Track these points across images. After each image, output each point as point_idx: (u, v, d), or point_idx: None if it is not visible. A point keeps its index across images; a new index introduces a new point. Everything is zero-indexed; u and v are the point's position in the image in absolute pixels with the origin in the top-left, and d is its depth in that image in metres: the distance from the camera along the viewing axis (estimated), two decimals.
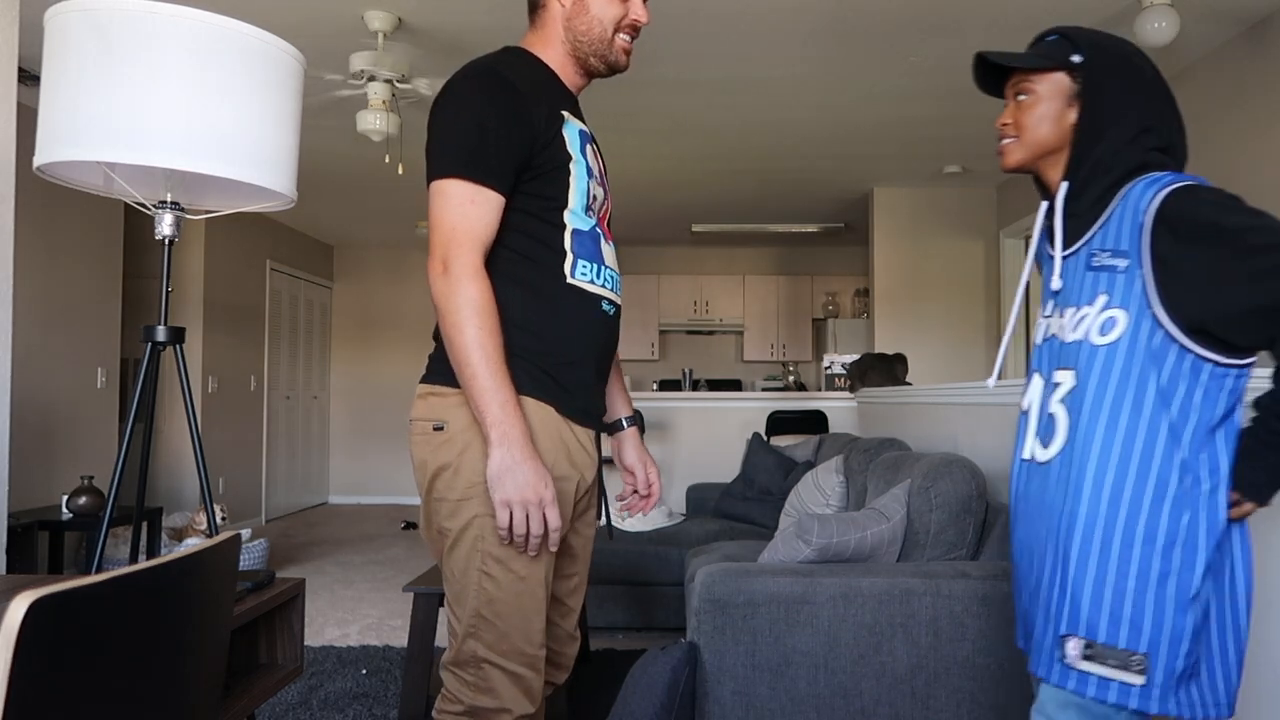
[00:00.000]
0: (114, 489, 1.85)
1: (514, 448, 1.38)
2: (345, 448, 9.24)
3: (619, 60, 1.60)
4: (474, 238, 1.42)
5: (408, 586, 2.65)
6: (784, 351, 9.22)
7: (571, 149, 1.53)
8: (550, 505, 1.40)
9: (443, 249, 1.42)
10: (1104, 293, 1.32)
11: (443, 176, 1.44)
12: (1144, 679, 1.19)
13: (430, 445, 1.49)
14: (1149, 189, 1.30)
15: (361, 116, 3.96)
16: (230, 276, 7.06)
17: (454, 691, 1.49)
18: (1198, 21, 3.81)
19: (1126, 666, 1.20)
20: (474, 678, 1.47)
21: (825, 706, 2.18)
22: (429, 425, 1.50)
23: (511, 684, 1.47)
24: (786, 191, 6.90)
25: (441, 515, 1.49)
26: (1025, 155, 1.46)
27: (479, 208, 1.43)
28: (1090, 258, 1.36)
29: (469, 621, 1.47)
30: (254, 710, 1.72)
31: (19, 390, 4.76)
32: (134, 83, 1.67)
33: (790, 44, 4.10)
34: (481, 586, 1.46)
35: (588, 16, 1.56)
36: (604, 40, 1.57)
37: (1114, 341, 1.29)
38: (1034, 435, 1.40)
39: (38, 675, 0.74)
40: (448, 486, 1.48)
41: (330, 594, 4.92)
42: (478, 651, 1.47)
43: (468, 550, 1.47)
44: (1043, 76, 1.43)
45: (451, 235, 1.41)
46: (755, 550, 3.27)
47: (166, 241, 1.91)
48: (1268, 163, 3.78)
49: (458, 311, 1.39)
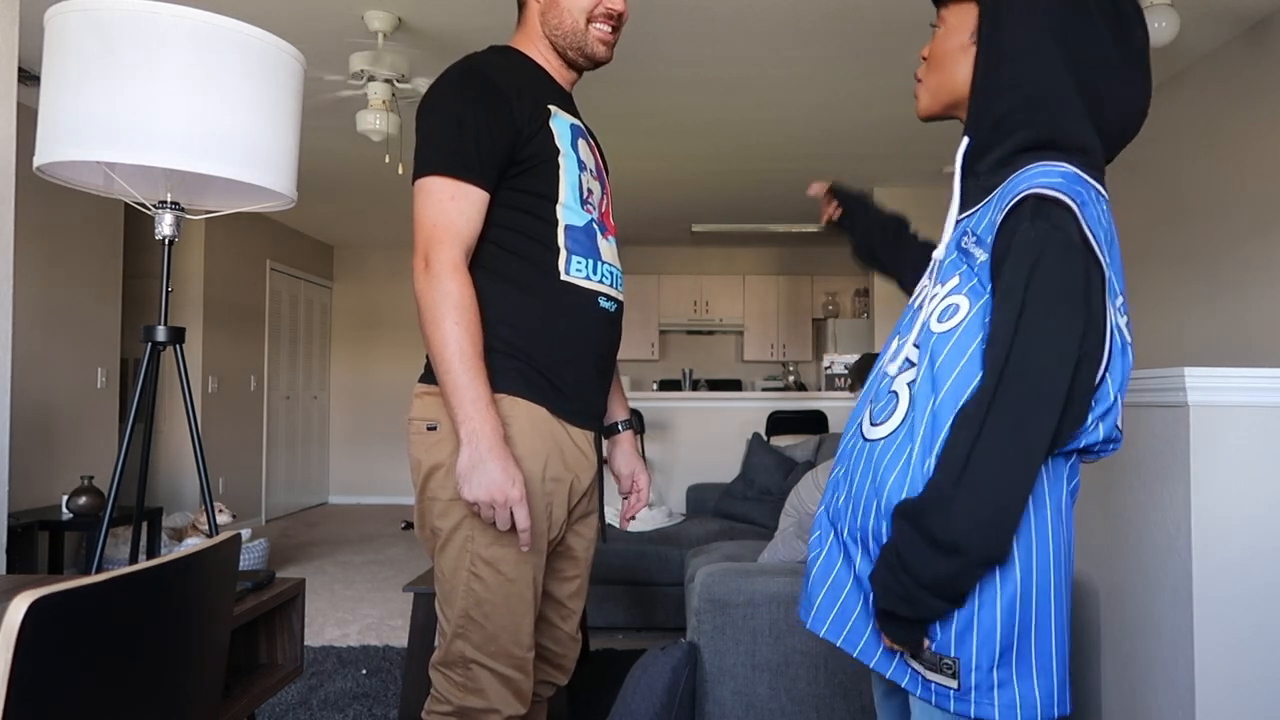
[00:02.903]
0: (114, 489, 1.85)
1: (481, 445, 1.37)
2: (345, 448, 9.24)
3: (596, 50, 1.58)
4: (454, 234, 1.42)
5: (408, 586, 2.65)
6: (784, 351, 9.22)
7: (560, 142, 1.52)
8: (518, 504, 1.38)
9: (424, 246, 1.42)
10: (956, 276, 1.16)
11: (424, 175, 1.45)
12: (956, 682, 1.11)
13: (424, 445, 1.49)
14: (1021, 183, 1.10)
15: (361, 116, 3.96)
16: (230, 276, 7.06)
17: (442, 691, 1.49)
18: (1198, 21, 3.81)
19: (939, 669, 1.12)
20: (462, 678, 1.47)
21: (825, 706, 2.18)
22: (424, 425, 1.50)
23: (500, 685, 1.47)
24: (786, 191, 6.90)
25: (434, 515, 1.49)
26: (930, 101, 1.26)
27: (459, 204, 1.43)
28: (962, 237, 1.18)
29: (457, 622, 1.47)
30: (254, 710, 1.72)
31: (19, 390, 4.76)
32: (134, 83, 1.67)
33: (790, 44, 4.10)
34: (470, 587, 1.46)
35: (558, 9, 1.56)
36: (577, 31, 1.56)
37: (949, 331, 1.13)
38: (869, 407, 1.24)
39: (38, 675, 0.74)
40: (440, 486, 1.48)
41: (330, 594, 4.92)
42: (465, 652, 1.47)
43: (457, 550, 1.47)
44: (958, 5, 1.22)
45: (432, 232, 1.42)
46: (755, 550, 3.27)
47: (166, 241, 1.91)
48: (1268, 163, 3.78)
49: (435, 307, 1.40)
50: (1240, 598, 1.77)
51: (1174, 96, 4.39)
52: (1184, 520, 1.80)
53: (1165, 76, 4.42)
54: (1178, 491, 1.82)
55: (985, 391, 1.05)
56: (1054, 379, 1.04)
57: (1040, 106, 1.13)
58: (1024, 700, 1.10)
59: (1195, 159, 4.25)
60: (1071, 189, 1.08)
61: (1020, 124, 1.14)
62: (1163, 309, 4.52)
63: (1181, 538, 1.81)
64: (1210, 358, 4.16)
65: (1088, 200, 1.09)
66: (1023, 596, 1.09)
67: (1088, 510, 2.19)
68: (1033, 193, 1.08)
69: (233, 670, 1.84)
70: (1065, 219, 1.05)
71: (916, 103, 1.27)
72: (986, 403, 1.04)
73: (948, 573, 1.05)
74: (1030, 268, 1.05)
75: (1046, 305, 1.04)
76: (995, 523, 1.05)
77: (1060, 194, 1.07)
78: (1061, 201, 1.06)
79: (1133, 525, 1.99)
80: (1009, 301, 1.06)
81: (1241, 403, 1.78)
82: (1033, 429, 1.04)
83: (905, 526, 1.08)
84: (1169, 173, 4.45)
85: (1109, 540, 2.09)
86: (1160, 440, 1.88)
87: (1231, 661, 1.77)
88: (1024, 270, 1.05)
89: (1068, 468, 1.15)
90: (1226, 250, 4.04)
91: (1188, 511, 1.78)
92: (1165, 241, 4.49)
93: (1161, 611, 1.87)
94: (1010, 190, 1.11)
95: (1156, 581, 1.89)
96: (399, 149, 5.75)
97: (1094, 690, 2.16)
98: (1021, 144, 1.15)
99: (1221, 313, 4.08)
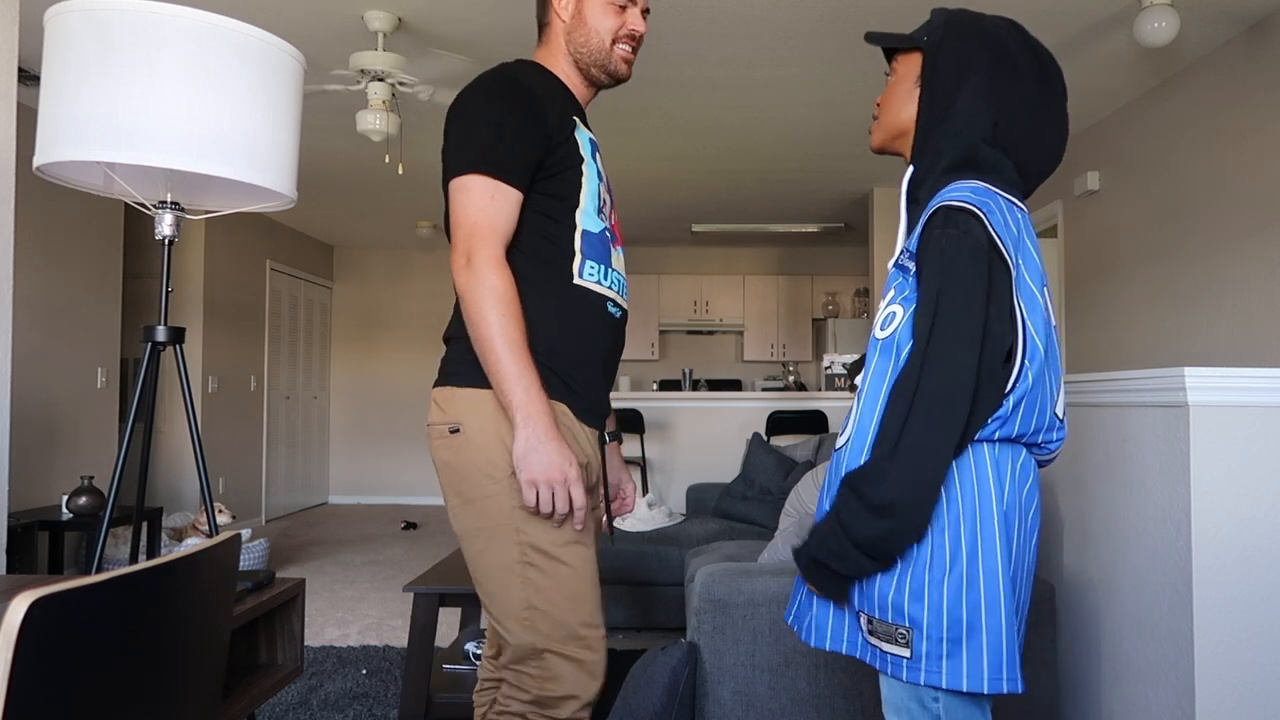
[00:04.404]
0: (114, 489, 1.85)
1: (538, 428, 1.40)
2: (345, 448, 9.25)
3: (619, 70, 1.65)
4: (495, 231, 1.46)
5: (408, 586, 2.65)
6: (784, 351, 9.22)
7: (584, 152, 1.58)
8: (575, 483, 1.42)
9: (465, 243, 1.45)
10: (892, 289, 1.33)
11: (463, 173, 1.47)
12: (909, 651, 1.24)
13: (451, 448, 1.50)
14: (938, 199, 1.28)
15: (361, 116, 3.96)
16: (230, 276, 7.06)
17: (517, 684, 1.50)
18: (1198, 21, 3.81)
19: (894, 640, 1.26)
20: (537, 670, 1.48)
21: (825, 706, 2.18)
22: (445, 429, 1.51)
23: (575, 669, 1.48)
24: (786, 191, 6.90)
25: (472, 516, 1.49)
26: (882, 136, 1.45)
27: (498, 203, 1.46)
28: (901, 254, 1.35)
29: (521, 615, 1.47)
30: (254, 710, 1.72)
31: (19, 390, 4.76)
32: (134, 83, 1.67)
33: (790, 44, 4.10)
34: (528, 578, 1.46)
35: (586, 29, 1.61)
36: (603, 51, 1.62)
37: (889, 337, 1.30)
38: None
39: (38, 675, 0.74)
40: (474, 486, 1.48)
41: (330, 594, 4.92)
42: (536, 643, 1.47)
43: (506, 545, 1.47)
44: (906, 56, 1.41)
45: (474, 229, 1.45)
46: (755, 550, 3.27)
47: (166, 241, 1.91)
48: (1268, 163, 3.78)
49: (481, 301, 1.42)
50: (1240, 598, 1.77)
51: (1174, 96, 4.39)
52: (1184, 520, 1.80)
53: (1165, 76, 4.43)
54: (1178, 491, 1.82)
55: (909, 376, 1.22)
56: (963, 365, 1.20)
57: (961, 133, 1.33)
58: (971, 671, 1.22)
59: (1195, 159, 4.25)
60: (979, 200, 1.25)
61: (946, 151, 1.33)
62: (1163, 309, 4.52)
63: (1181, 538, 1.81)
64: (1210, 358, 4.16)
65: (995, 209, 1.26)
66: (969, 577, 1.23)
67: (1088, 510, 2.20)
68: (943, 205, 1.26)
69: (233, 670, 1.84)
70: (972, 225, 1.23)
71: (871, 138, 1.48)
72: (911, 389, 1.21)
73: (878, 533, 1.21)
74: (941, 268, 1.22)
75: (956, 300, 1.21)
76: (919, 492, 1.21)
77: (967, 204, 1.24)
78: (969, 210, 1.24)
79: (1133, 525, 1.99)
80: (926, 298, 1.23)
81: (1241, 403, 1.78)
82: (949, 410, 1.20)
83: (847, 492, 1.24)
84: (1169, 173, 4.45)
85: (1109, 540, 2.09)
86: (1160, 440, 1.88)
87: (1231, 661, 1.77)
88: (936, 270, 1.23)
89: (1018, 464, 1.29)
90: (1226, 250, 4.04)
91: (1188, 511, 1.78)
92: (1165, 241, 4.49)
93: (1161, 611, 1.87)
94: (931, 206, 1.29)
95: (1156, 581, 1.89)
96: (399, 149, 5.75)
97: (1094, 690, 2.16)
98: (946, 166, 1.33)
99: (1221, 312, 4.08)
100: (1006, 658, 1.22)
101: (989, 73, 1.32)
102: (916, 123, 1.37)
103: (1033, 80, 1.33)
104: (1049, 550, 2.43)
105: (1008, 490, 1.26)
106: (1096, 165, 5.12)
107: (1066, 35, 3.97)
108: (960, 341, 1.20)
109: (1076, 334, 5.40)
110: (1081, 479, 2.23)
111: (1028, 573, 1.32)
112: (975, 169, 1.31)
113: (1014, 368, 1.24)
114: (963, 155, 1.32)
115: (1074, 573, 2.27)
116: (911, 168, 1.39)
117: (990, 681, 1.22)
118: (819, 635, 1.36)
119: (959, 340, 1.20)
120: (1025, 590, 1.32)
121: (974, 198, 1.25)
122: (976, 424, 1.23)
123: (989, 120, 1.32)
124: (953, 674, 1.22)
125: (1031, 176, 1.38)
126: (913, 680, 1.24)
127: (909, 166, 1.39)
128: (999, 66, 1.32)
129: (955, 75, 1.33)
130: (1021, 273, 1.26)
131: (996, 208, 1.26)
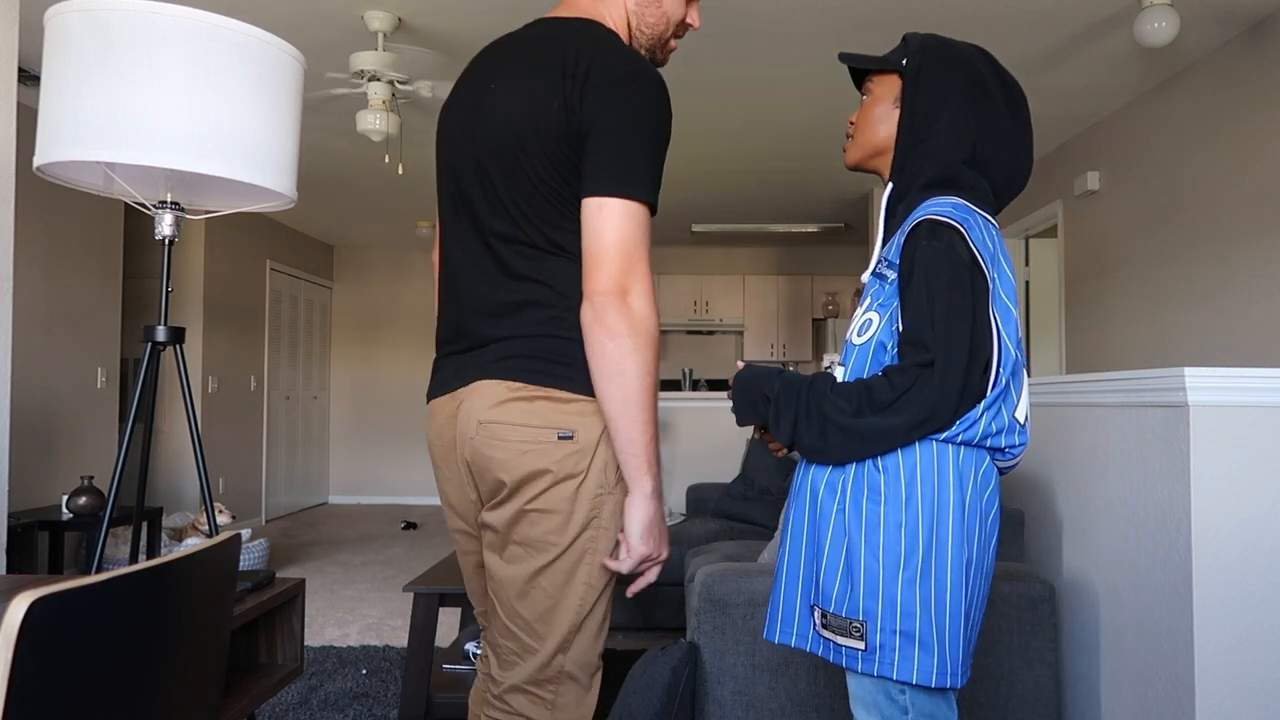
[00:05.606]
0: (114, 489, 1.85)
1: (660, 503, 1.39)
2: (345, 448, 9.25)
3: (663, 60, 1.60)
4: (649, 266, 1.37)
5: (408, 586, 2.65)
6: (784, 351, 9.22)
7: None
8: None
9: (623, 273, 1.33)
10: (869, 296, 1.40)
11: (636, 199, 1.35)
12: (864, 643, 1.29)
13: (557, 454, 1.38)
14: (919, 213, 1.34)
15: (361, 116, 3.96)
16: (230, 276, 7.06)
17: (525, 713, 1.42)
18: (1198, 21, 3.81)
19: (849, 633, 1.31)
20: (551, 694, 1.41)
21: (825, 706, 2.18)
22: (554, 433, 1.39)
23: (585, 696, 1.44)
24: (786, 191, 6.90)
25: (548, 526, 1.39)
26: (858, 154, 1.51)
27: (649, 235, 1.38)
28: (879, 263, 1.42)
29: (564, 635, 1.40)
30: (254, 710, 1.72)
31: (19, 390, 4.76)
32: (134, 83, 1.67)
33: (790, 44, 4.10)
34: (585, 600, 1.41)
35: (660, 10, 1.54)
36: (664, 38, 1.57)
37: (865, 342, 1.37)
38: None
39: (38, 675, 0.74)
40: (565, 498, 1.38)
41: (330, 594, 4.92)
42: (565, 666, 1.41)
43: (574, 563, 1.40)
44: (882, 78, 1.48)
45: (632, 262, 1.34)
46: (755, 550, 3.27)
47: (166, 241, 1.91)
48: (1268, 163, 3.78)
49: (645, 350, 1.33)
50: (1240, 598, 1.77)
51: (1174, 96, 4.39)
52: (1184, 520, 1.80)
53: (1165, 76, 4.43)
54: (1177, 491, 1.82)
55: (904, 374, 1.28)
56: (959, 363, 1.27)
57: (940, 154, 1.39)
58: (921, 665, 1.28)
59: (1195, 159, 4.25)
60: (960, 216, 1.32)
61: (926, 169, 1.40)
62: (1163, 308, 4.52)
63: (1181, 538, 1.81)
64: (1210, 358, 4.16)
65: (973, 225, 1.32)
66: (922, 574, 1.29)
67: (1088, 510, 2.20)
68: (926, 218, 1.32)
69: (233, 670, 1.84)
70: (955, 239, 1.29)
71: (845, 155, 1.55)
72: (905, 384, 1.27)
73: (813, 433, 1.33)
74: (929, 278, 1.29)
75: (949, 306, 1.28)
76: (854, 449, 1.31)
77: (949, 219, 1.31)
78: (951, 225, 1.30)
79: (1133, 525, 1.99)
80: (918, 306, 1.29)
81: (1241, 403, 1.78)
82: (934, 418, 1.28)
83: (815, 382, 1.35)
84: (1169, 173, 4.45)
85: (1109, 540, 2.09)
86: (1160, 440, 1.88)
87: (1231, 661, 1.77)
88: (924, 280, 1.29)
89: (980, 469, 1.34)
90: (1226, 250, 4.04)
91: (1188, 511, 1.78)
92: (1165, 241, 4.49)
93: (1161, 611, 1.87)
94: (911, 219, 1.35)
95: (1156, 581, 1.89)
96: (399, 149, 5.75)
97: (1094, 690, 2.16)
98: (924, 183, 1.39)
99: (1221, 312, 4.08)
100: (952, 653, 1.28)
101: (966, 97, 1.40)
102: (896, 142, 1.44)
103: (1004, 105, 1.42)
104: (1049, 550, 2.43)
105: (969, 493, 1.32)
106: (1096, 165, 5.12)
107: (1066, 35, 3.97)
108: (957, 342, 1.27)
109: (1076, 334, 5.40)
110: (1082, 479, 2.23)
111: (985, 574, 1.37)
112: (954, 187, 1.38)
113: (991, 376, 1.31)
114: (943, 174, 1.39)
115: (1074, 573, 2.27)
116: (891, 185, 1.45)
117: (938, 676, 1.27)
118: (780, 630, 1.41)
119: (957, 340, 1.27)
120: (982, 591, 1.37)
121: (955, 213, 1.32)
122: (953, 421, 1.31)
123: (969, 142, 1.40)
124: (904, 665, 1.28)
125: (1003, 196, 1.46)
126: (867, 671, 1.30)
127: (888, 183, 1.46)
128: (974, 91, 1.40)
129: (935, 99, 1.40)
130: (997, 287, 1.33)
131: (976, 224, 1.33)
